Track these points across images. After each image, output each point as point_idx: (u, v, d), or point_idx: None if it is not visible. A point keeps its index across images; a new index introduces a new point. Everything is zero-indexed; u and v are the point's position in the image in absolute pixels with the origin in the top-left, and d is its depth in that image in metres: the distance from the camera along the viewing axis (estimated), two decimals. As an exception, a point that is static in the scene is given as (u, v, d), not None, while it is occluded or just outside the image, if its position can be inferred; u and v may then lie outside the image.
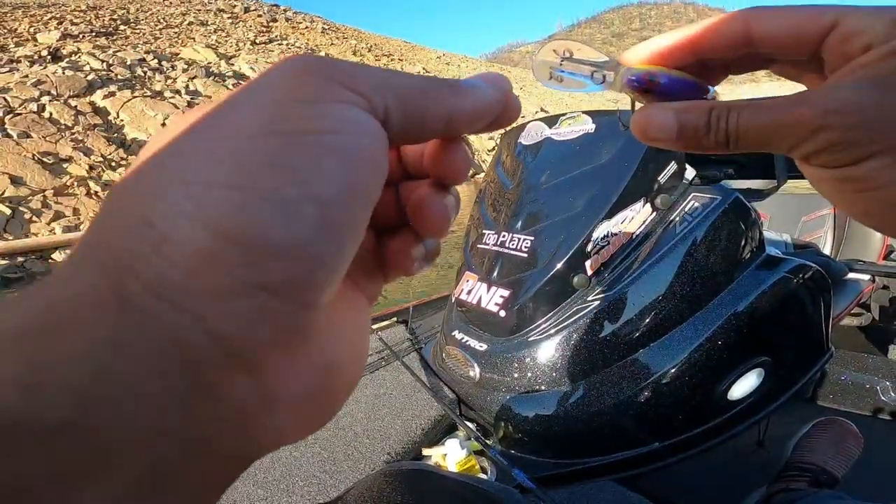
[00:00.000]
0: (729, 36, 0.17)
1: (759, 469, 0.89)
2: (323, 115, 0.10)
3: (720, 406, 0.78)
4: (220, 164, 0.09)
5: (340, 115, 0.10)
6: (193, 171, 0.09)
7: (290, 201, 0.09)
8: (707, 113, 0.16)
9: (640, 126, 0.17)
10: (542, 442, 0.80)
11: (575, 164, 0.87)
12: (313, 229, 0.09)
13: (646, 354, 0.77)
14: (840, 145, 0.15)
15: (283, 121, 0.09)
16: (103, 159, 8.86)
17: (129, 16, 18.82)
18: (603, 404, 0.76)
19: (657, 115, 0.16)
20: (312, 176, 0.09)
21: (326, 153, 0.09)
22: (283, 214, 0.09)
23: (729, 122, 0.16)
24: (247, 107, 0.10)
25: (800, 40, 0.16)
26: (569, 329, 0.79)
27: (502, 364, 0.83)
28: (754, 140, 0.16)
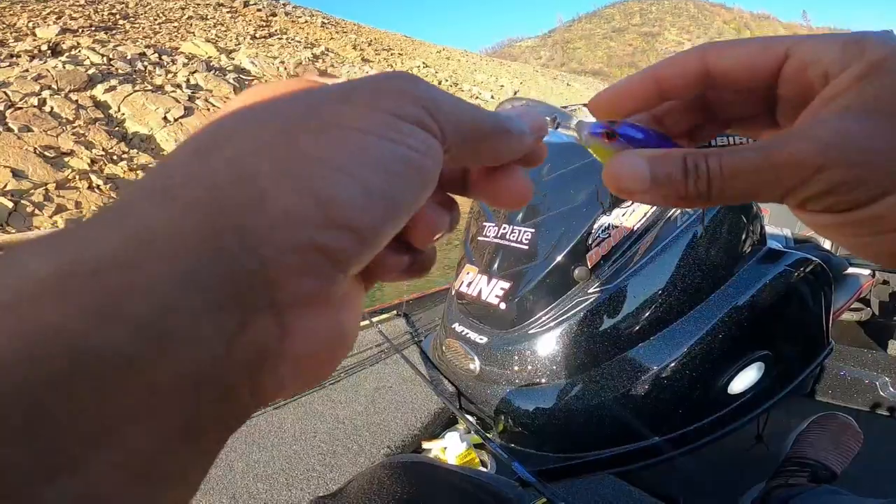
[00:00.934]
0: (687, 72, 0.16)
1: (758, 464, 0.88)
2: (415, 135, 0.11)
3: (720, 400, 0.77)
4: (327, 146, 0.10)
5: (425, 139, 0.12)
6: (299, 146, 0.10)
7: (375, 192, 0.10)
8: (682, 160, 0.14)
9: (612, 176, 0.15)
10: (542, 435, 0.79)
11: (576, 156, 0.87)
12: (379, 219, 0.11)
13: (646, 348, 0.76)
14: (848, 184, 0.13)
15: (386, 127, 0.11)
16: (105, 153, 8.79)
17: (129, 10, 18.60)
18: (603, 398, 0.75)
19: (628, 163, 0.15)
20: (395, 180, 0.11)
21: (410, 167, 0.11)
22: (366, 201, 0.10)
23: (710, 167, 0.14)
24: (356, 102, 0.11)
25: (754, 73, 0.15)
26: (569, 322, 0.78)
27: (502, 357, 0.82)
28: (742, 187, 0.14)
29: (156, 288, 0.08)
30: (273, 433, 0.96)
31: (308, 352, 0.10)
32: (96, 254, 0.08)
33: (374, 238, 0.11)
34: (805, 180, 0.13)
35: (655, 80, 0.16)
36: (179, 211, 0.09)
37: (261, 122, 0.10)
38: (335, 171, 0.10)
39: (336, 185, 0.10)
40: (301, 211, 0.09)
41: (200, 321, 0.08)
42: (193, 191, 0.09)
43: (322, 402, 1.06)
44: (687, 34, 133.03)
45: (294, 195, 0.09)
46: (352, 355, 1.20)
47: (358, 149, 0.10)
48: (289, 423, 0.99)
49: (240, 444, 0.94)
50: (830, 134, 0.13)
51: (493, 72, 32.01)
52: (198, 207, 0.09)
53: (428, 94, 0.12)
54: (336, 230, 0.10)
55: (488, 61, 38.81)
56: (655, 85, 0.17)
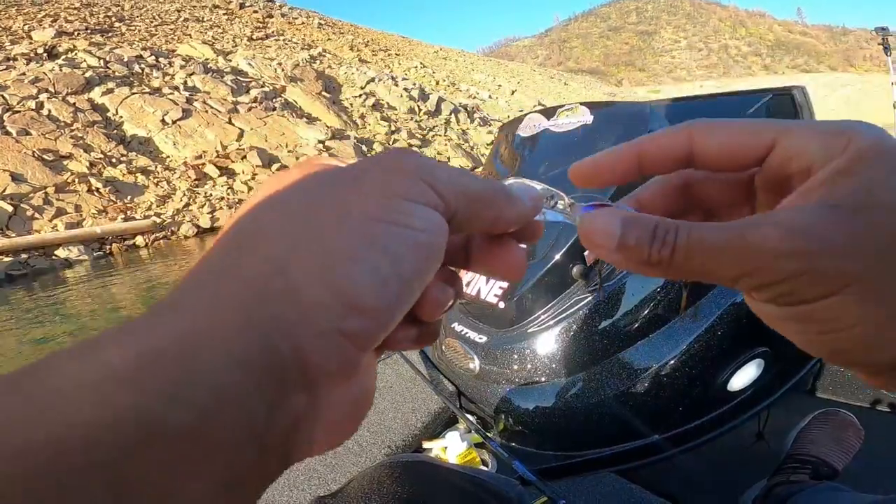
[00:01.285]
0: (672, 150, 0.16)
1: (759, 461, 0.87)
2: (414, 213, 0.12)
3: (720, 397, 0.77)
4: (341, 237, 0.12)
5: (426, 216, 0.13)
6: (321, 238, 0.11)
7: (384, 277, 0.12)
8: (653, 225, 0.14)
9: (584, 231, 0.15)
10: (542, 434, 0.79)
11: (573, 154, 0.86)
12: (393, 301, 0.12)
13: (645, 345, 0.76)
14: (802, 276, 0.13)
15: (388, 211, 0.12)
16: (103, 156, 8.74)
17: (124, 13, 18.53)
18: (603, 396, 0.75)
19: (602, 220, 0.15)
20: (402, 261, 0.12)
21: (415, 246, 0.12)
22: (379, 287, 0.11)
23: (678, 237, 0.14)
24: (367, 189, 0.12)
25: (739, 160, 0.15)
26: (568, 320, 0.78)
27: (502, 356, 0.82)
28: (700, 262, 0.14)
29: (211, 373, 0.10)
30: (274, 434, 0.97)
31: (335, 417, 0.12)
32: (161, 345, 0.10)
33: (389, 319, 0.12)
34: (762, 266, 0.13)
35: (638, 154, 0.16)
36: (226, 305, 0.10)
37: (287, 215, 0.12)
38: (353, 262, 0.11)
39: (353, 274, 0.11)
40: (326, 301, 0.11)
41: (247, 398, 0.10)
42: (237, 287, 0.11)
43: None
44: (683, 32, 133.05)
45: (320, 287, 0.11)
46: None
47: (371, 237, 0.12)
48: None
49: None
50: (794, 223, 0.13)
51: (491, 71, 31.99)
52: (242, 301, 0.10)
53: (429, 169, 0.13)
54: (356, 316, 0.11)
55: (485, 61, 38.77)
56: (637, 159, 0.16)
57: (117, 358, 0.09)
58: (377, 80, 17.12)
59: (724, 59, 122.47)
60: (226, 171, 9.53)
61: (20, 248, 6.18)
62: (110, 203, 7.79)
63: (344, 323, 0.11)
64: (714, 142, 0.15)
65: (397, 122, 15.02)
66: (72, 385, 0.09)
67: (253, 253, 0.11)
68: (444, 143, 14.33)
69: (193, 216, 7.92)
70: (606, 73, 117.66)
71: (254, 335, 0.10)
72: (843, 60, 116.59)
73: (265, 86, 13.38)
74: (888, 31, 2.81)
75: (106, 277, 5.64)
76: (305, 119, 12.67)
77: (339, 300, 0.11)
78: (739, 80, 73.53)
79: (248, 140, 10.79)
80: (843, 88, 58.64)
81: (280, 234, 0.12)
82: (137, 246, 7.04)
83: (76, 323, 4.10)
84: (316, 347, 0.11)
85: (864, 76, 65.24)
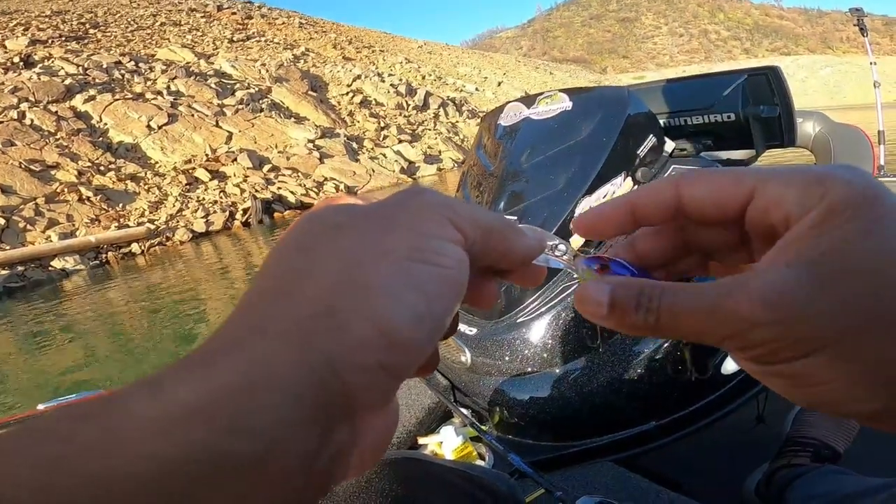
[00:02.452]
0: (661, 202, 0.17)
1: (760, 444, 0.85)
2: (444, 252, 0.14)
3: (715, 381, 0.76)
4: (381, 277, 0.13)
5: (454, 254, 0.14)
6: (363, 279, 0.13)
7: (421, 314, 0.13)
8: (638, 290, 0.15)
9: (578, 299, 0.16)
10: (538, 425, 0.78)
11: (554, 141, 0.86)
12: (427, 335, 0.13)
13: None
14: (777, 341, 0.13)
15: (420, 251, 0.13)
16: (91, 164, 8.60)
17: (98, 19, 18.08)
18: (597, 384, 0.74)
19: (594, 288, 0.16)
20: (435, 299, 0.13)
21: (446, 283, 0.13)
22: (416, 322, 0.12)
23: (662, 302, 0.15)
24: (399, 231, 0.14)
25: (723, 210, 0.16)
26: (557, 308, 0.76)
27: (493, 347, 0.80)
28: (685, 327, 0.14)
29: (272, 407, 0.11)
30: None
31: (370, 445, 0.13)
32: (225, 382, 0.11)
33: (423, 352, 0.13)
34: (738, 332, 0.13)
35: (632, 207, 0.17)
36: (281, 344, 0.11)
37: (327, 258, 0.13)
38: (394, 301, 0.12)
39: (394, 313, 0.12)
40: (370, 338, 0.12)
41: (301, 430, 0.11)
42: (288, 327, 0.12)
43: None
44: (663, 18, 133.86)
45: (364, 325, 0.12)
46: None
47: (408, 276, 0.13)
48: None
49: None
50: (768, 289, 0.13)
51: (476, 64, 31.90)
52: (295, 341, 0.11)
53: (450, 207, 0.15)
54: (396, 351, 0.12)
55: (470, 54, 38.62)
56: (631, 212, 0.17)
57: (186, 394, 0.10)
58: (363, 77, 17.01)
59: (704, 44, 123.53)
60: (217, 175, 9.46)
61: (15, 260, 6.12)
62: (102, 211, 7.71)
63: (386, 358, 0.12)
64: (698, 193, 0.16)
65: (386, 118, 14.94)
66: (145, 420, 0.10)
67: (301, 295, 0.12)
68: (434, 136, 14.33)
69: (188, 221, 7.86)
70: (591, 61, 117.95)
71: (307, 371, 0.11)
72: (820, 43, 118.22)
73: (250, 87, 13.22)
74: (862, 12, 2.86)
75: (105, 286, 5.58)
76: (294, 119, 12.56)
77: (381, 337, 0.12)
78: (721, 64, 73.78)
79: (236, 142, 10.68)
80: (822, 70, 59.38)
81: (324, 276, 0.13)
82: (134, 253, 6.98)
83: (83, 336, 4.08)
84: (360, 381, 0.12)
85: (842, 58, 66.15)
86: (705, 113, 1.10)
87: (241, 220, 8.19)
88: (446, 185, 10.55)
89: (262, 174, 9.72)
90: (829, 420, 0.75)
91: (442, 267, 0.13)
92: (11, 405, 2.87)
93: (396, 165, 11.78)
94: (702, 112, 1.10)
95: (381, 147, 12.68)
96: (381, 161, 11.82)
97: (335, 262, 0.13)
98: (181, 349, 3.57)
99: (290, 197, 9.14)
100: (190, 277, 5.64)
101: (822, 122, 1.41)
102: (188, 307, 4.50)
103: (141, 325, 4.21)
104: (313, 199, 9.38)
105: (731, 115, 1.06)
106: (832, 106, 4.66)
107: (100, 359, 3.57)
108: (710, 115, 1.09)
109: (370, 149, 12.35)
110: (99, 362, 3.50)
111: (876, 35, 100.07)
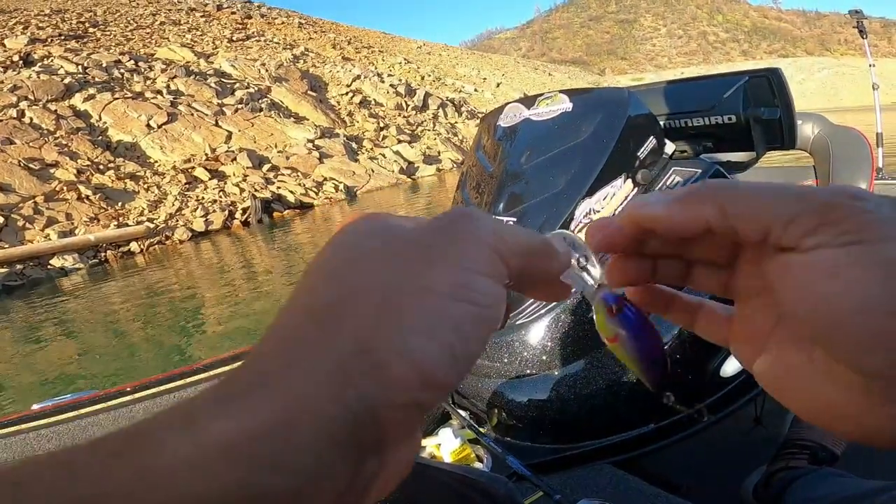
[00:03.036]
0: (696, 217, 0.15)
1: (758, 447, 0.85)
2: (483, 290, 0.13)
3: (714, 383, 0.76)
4: (420, 316, 0.12)
5: (493, 291, 0.14)
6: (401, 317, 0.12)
7: (456, 355, 0.13)
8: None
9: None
10: (536, 427, 0.77)
11: (554, 143, 0.85)
12: (459, 375, 0.13)
13: None
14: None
15: (462, 289, 0.13)
16: (90, 163, 8.57)
17: (97, 18, 18.05)
18: (595, 386, 0.74)
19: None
20: (471, 339, 0.13)
21: (482, 324, 0.13)
22: (451, 363, 0.12)
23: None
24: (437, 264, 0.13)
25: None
26: (556, 310, 0.76)
27: (492, 349, 0.80)
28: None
29: (308, 445, 0.11)
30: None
31: (394, 472, 0.13)
32: (261, 420, 0.11)
33: (454, 387, 0.14)
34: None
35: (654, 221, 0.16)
36: (318, 382, 0.11)
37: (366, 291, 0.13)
38: (430, 341, 0.12)
39: (431, 353, 0.12)
40: (407, 377, 0.12)
41: (336, 465, 0.11)
42: (325, 365, 0.12)
43: None
44: (662, 20, 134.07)
45: (402, 364, 0.12)
46: None
47: (446, 315, 0.13)
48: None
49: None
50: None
51: (475, 64, 31.93)
52: (330, 378, 0.11)
53: (495, 235, 0.14)
54: (430, 390, 0.12)
55: (469, 54, 38.63)
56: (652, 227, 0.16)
57: (220, 434, 0.10)
58: (363, 77, 17.00)
59: (703, 45, 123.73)
60: (216, 174, 9.45)
61: (14, 258, 6.11)
62: (101, 210, 7.70)
63: (420, 396, 0.12)
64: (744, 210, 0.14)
65: (385, 118, 14.94)
66: (180, 460, 0.10)
67: (338, 331, 0.12)
68: (433, 137, 14.33)
69: (187, 220, 7.84)
70: (589, 62, 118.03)
71: (343, 410, 0.11)
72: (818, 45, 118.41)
73: (250, 87, 13.21)
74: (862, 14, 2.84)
75: (104, 285, 5.57)
76: (293, 119, 12.55)
77: (418, 377, 0.12)
78: (720, 66, 73.71)
79: (236, 142, 10.66)
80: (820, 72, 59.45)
81: (361, 311, 0.12)
82: (133, 252, 6.96)
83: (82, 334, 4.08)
84: (394, 418, 0.12)
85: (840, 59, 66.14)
86: (706, 115, 1.09)
87: (240, 220, 8.18)
88: (445, 186, 10.55)
89: (262, 174, 9.71)
90: None
91: (479, 306, 0.13)
92: (12, 401, 2.88)
93: (396, 166, 11.78)
94: (702, 114, 1.10)
95: (381, 147, 12.67)
96: (380, 161, 11.81)
97: (373, 294, 0.13)
98: (180, 347, 3.58)
99: (289, 196, 9.13)
100: (189, 276, 5.64)
101: (820, 124, 1.41)
102: (187, 306, 4.50)
103: (140, 324, 4.20)
104: (313, 199, 9.38)
105: (732, 116, 1.05)
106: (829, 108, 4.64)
107: (99, 357, 3.56)
108: (710, 116, 1.08)
109: (369, 149, 12.34)
110: (98, 360, 3.50)
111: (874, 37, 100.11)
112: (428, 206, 8.49)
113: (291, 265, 5.47)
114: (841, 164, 1.33)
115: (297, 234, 7.52)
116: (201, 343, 3.62)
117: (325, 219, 8.43)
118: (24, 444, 0.95)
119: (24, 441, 0.96)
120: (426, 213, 7.99)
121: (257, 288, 4.94)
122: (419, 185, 11.26)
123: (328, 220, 8.28)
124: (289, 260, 5.84)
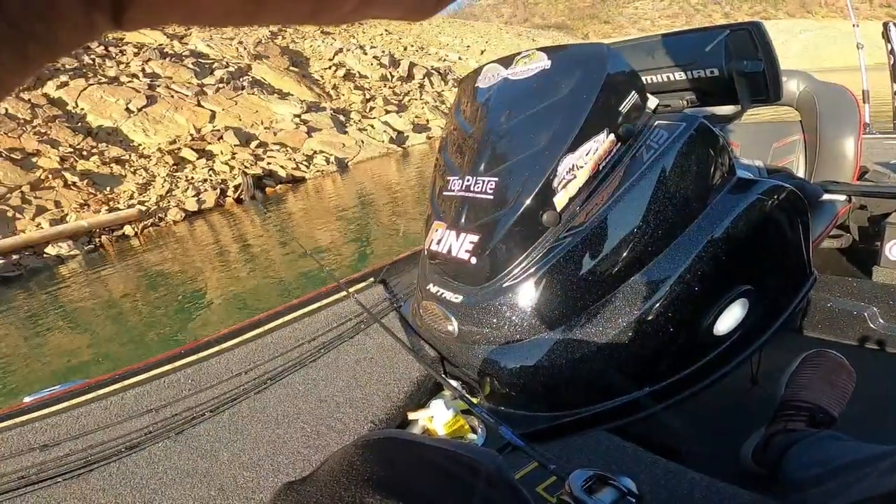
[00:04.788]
0: None
1: (756, 407, 0.82)
2: None
3: (707, 343, 0.72)
4: None
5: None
6: None
7: None
8: None
9: None
10: (529, 395, 0.73)
11: (534, 100, 0.80)
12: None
13: (625, 291, 0.70)
14: None
15: None
16: (73, 149, 8.10)
17: None
18: (587, 350, 0.69)
19: None
20: None
21: None
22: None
23: None
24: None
25: None
26: (542, 270, 0.71)
27: (479, 315, 0.75)
28: None
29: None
30: (256, 418, 0.89)
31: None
32: None
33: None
34: None
35: None
36: None
37: None
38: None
39: None
40: None
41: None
42: None
43: (303, 380, 0.97)
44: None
45: None
46: (330, 329, 1.11)
47: None
48: (271, 407, 0.91)
49: (224, 432, 0.87)
50: None
51: (457, 33, 30.52)
52: None
53: None
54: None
55: (451, 22, 36.87)
56: None
57: None
58: (345, 50, 16.15)
59: (685, 8, 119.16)
60: (203, 154, 9.10)
61: (8, 249, 5.91)
62: (90, 196, 7.41)
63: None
64: None
65: (371, 90, 14.34)
66: None
67: None
68: (421, 106, 13.83)
69: (179, 201, 7.60)
70: (573, 27, 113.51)
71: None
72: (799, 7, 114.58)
73: (229, 66, 12.50)
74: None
75: (102, 270, 5.40)
76: (277, 95, 12.01)
77: None
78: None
79: (221, 121, 10.18)
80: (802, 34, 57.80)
81: None
82: (127, 236, 6.75)
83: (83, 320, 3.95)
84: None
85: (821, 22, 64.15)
86: (688, 69, 1.05)
87: (233, 197, 7.95)
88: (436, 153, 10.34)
89: (251, 150, 9.37)
90: (823, 382, 0.71)
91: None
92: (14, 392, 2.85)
93: (385, 136, 11.44)
94: (685, 68, 1.05)
95: (369, 118, 12.26)
96: (369, 132, 11.45)
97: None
98: (181, 328, 3.49)
99: (280, 171, 8.87)
100: (185, 256, 5.51)
101: (806, 80, 1.34)
102: (186, 286, 4.40)
103: (139, 306, 4.09)
104: (304, 173, 9.14)
105: (715, 70, 1.01)
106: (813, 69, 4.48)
107: (100, 342, 3.46)
108: (692, 70, 1.04)
109: (357, 121, 11.92)
110: (99, 345, 3.40)
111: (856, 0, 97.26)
112: (419, 174, 8.35)
113: (287, 237, 5.39)
114: (828, 119, 1.28)
115: (291, 207, 7.36)
116: (205, 320, 3.58)
117: (317, 191, 8.26)
118: (20, 437, 0.92)
119: (20, 434, 0.93)
120: (419, 179, 7.88)
121: (253, 261, 4.86)
122: (410, 154, 10.98)
123: (321, 192, 8.11)
124: (284, 232, 5.75)
